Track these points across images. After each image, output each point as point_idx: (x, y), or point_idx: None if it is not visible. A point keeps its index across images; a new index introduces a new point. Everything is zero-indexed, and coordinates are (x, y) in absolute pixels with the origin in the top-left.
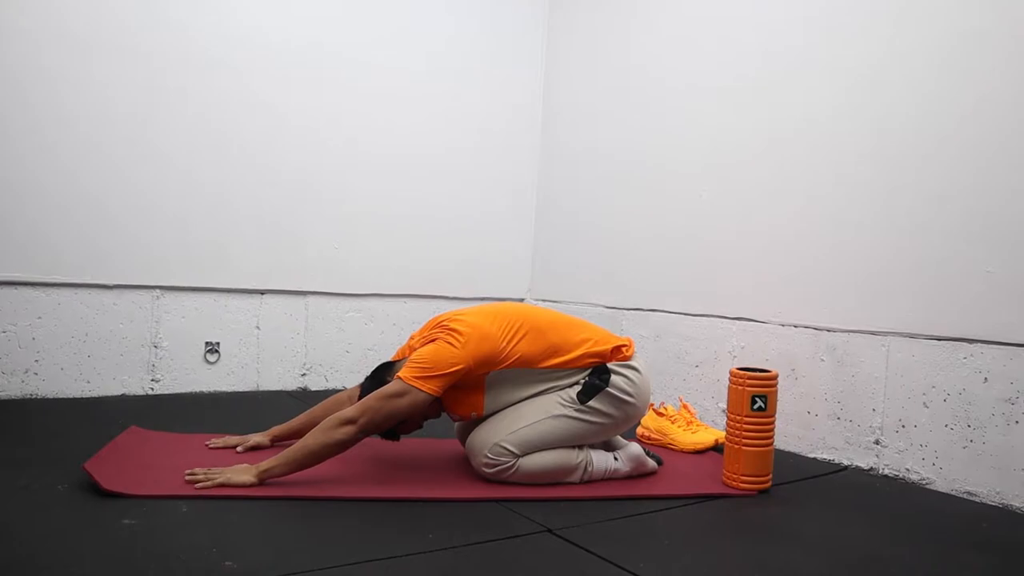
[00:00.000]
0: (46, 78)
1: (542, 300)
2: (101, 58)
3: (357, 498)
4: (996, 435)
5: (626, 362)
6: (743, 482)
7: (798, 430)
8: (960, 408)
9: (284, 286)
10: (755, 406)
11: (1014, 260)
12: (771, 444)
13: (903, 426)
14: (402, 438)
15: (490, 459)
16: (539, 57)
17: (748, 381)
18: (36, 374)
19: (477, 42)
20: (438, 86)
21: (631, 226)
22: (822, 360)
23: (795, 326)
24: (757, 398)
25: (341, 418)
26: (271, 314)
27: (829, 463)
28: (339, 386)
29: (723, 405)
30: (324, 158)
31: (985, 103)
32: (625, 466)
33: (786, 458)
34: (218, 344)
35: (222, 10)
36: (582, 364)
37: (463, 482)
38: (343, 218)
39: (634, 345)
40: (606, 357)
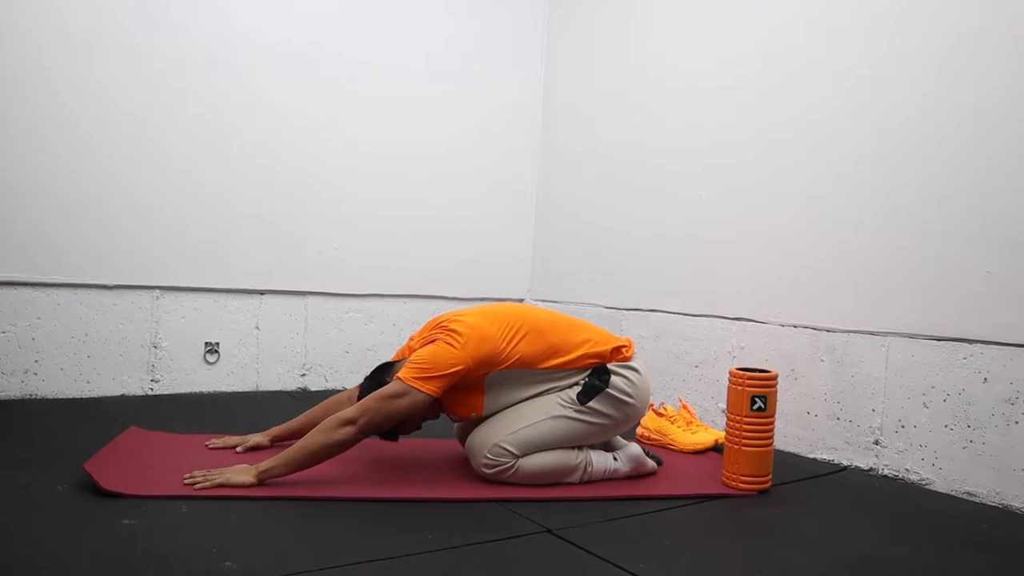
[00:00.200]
0: (46, 78)
1: (542, 300)
2: (101, 58)
3: (357, 498)
4: (996, 435)
5: (626, 363)
6: (743, 482)
7: (798, 430)
8: (960, 408)
9: (284, 286)
10: (755, 406)
11: (1014, 260)
12: (771, 444)
13: (903, 426)
14: (401, 439)
15: (490, 459)
16: (539, 57)
17: (748, 381)
18: (36, 374)
19: (477, 42)
20: (438, 86)
21: (631, 226)
22: (822, 360)
23: (795, 326)
24: (757, 398)
25: (341, 419)
26: (271, 314)
27: (829, 463)
28: (339, 386)
29: (723, 405)
30: (324, 158)
31: (985, 103)
32: (625, 466)
33: (786, 458)
34: (218, 344)
35: (222, 10)
36: (582, 365)
37: (463, 482)
38: (343, 218)
39: (634, 346)
40: (606, 358)
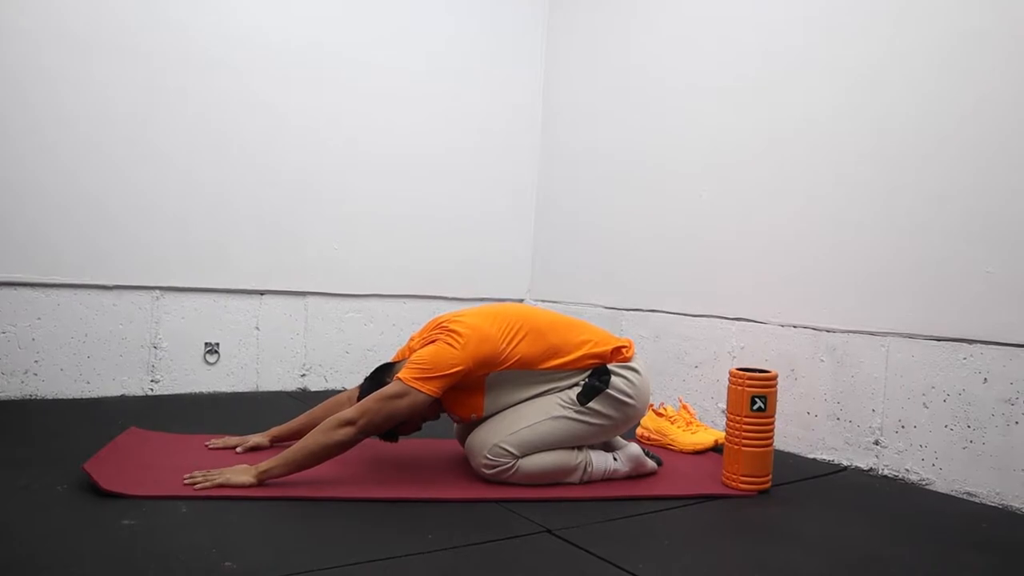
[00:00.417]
0: (46, 78)
1: (542, 300)
2: (101, 58)
3: (357, 498)
4: (996, 435)
5: (626, 363)
6: (743, 482)
7: (798, 430)
8: (960, 408)
9: (284, 286)
10: (755, 406)
11: (1014, 260)
12: (771, 444)
13: (903, 427)
14: (401, 439)
15: (490, 460)
16: (539, 57)
17: (748, 381)
18: (36, 375)
19: (477, 42)
20: (438, 86)
21: (631, 226)
22: (822, 360)
23: (795, 326)
24: (757, 398)
25: (341, 419)
26: (271, 314)
27: (829, 463)
28: (339, 387)
29: (723, 405)
30: (324, 158)
31: (985, 103)
32: (624, 466)
33: (786, 458)
34: (218, 345)
35: (222, 10)
36: (582, 365)
37: (463, 482)
38: (343, 218)
39: (634, 346)
40: (606, 358)
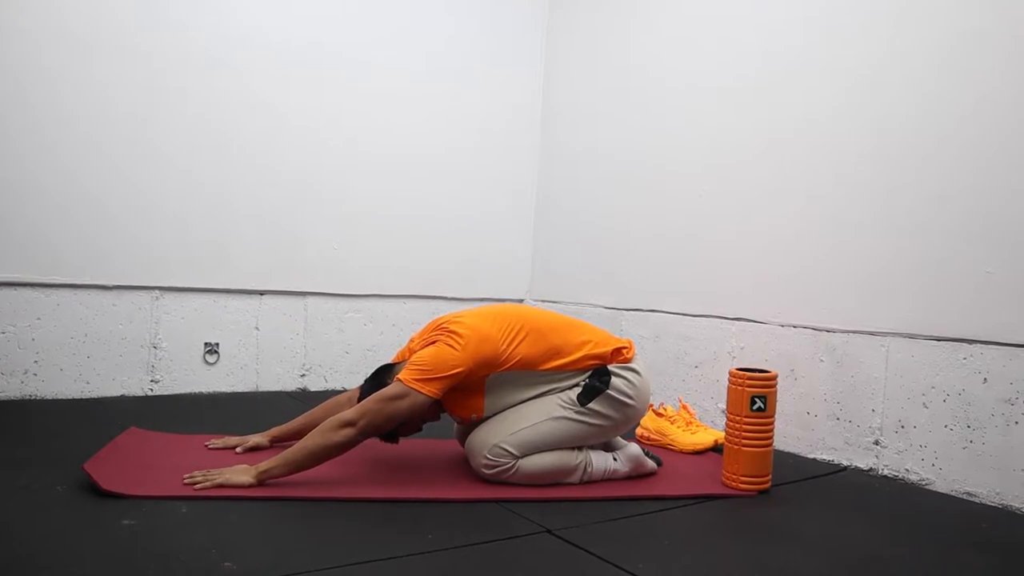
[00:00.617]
0: (46, 78)
1: (542, 300)
2: (101, 58)
3: (357, 498)
4: (996, 435)
5: (626, 364)
6: (742, 482)
7: (798, 430)
8: (960, 408)
9: (284, 287)
10: (754, 406)
11: (1014, 260)
12: (770, 445)
13: (903, 427)
14: (401, 440)
15: (490, 460)
16: (539, 57)
17: (747, 382)
18: (35, 375)
19: (477, 42)
20: (438, 86)
21: (631, 226)
22: (822, 360)
23: (795, 326)
24: (756, 399)
25: (341, 420)
26: (270, 315)
27: (829, 463)
28: (338, 387)
29: (723, 405)
30: (324, 158)
31: (985, 103)
32: (624, 467)
33: (786, 458)
34: (217, 345)
35: (222, 10)
36: (582, 366)
37: (463, 483)
38: (343, 218)
39: (634, 347)
40: (606, 359)
